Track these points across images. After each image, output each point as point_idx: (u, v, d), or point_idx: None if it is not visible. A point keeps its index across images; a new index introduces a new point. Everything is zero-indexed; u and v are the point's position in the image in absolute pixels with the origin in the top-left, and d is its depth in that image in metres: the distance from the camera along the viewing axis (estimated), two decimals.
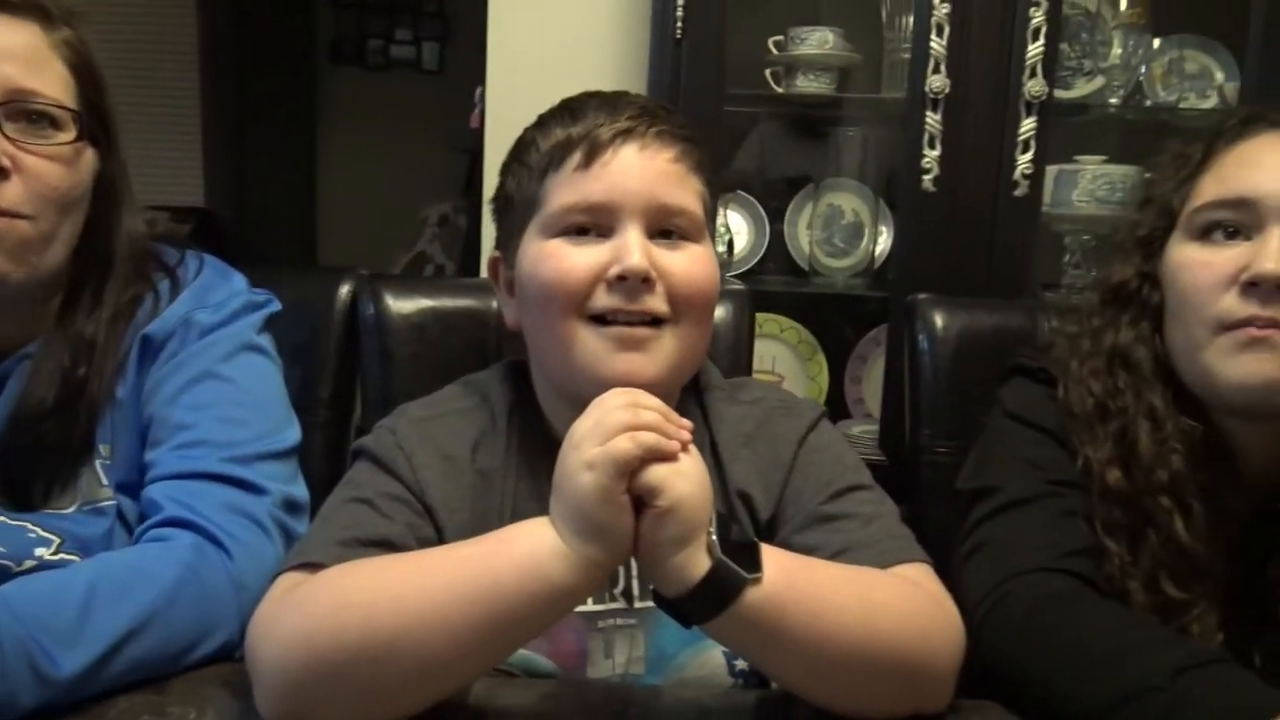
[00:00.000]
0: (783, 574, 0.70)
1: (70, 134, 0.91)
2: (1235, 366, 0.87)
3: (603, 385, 0.76)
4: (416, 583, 0.69)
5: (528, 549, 0.69)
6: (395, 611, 0.68)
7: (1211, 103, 1.86)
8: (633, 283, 0.80)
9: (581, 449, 0.68)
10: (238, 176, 4.87)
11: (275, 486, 0.91)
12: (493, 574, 0.69)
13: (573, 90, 0.93)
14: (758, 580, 0.69)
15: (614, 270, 0.80)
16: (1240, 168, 0.90)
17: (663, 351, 0.82)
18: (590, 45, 1.94)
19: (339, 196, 5.04)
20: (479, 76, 2.04)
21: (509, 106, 1.91)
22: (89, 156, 0.95)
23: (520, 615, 0.69)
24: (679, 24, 1.68)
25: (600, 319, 0.81)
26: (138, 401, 0.95)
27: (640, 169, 0.82)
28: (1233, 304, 0.86)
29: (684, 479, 0.68)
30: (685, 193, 0.84)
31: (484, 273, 1.85)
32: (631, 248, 0.80)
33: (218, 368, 0.95)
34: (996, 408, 1.02)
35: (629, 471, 0.67)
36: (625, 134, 0.82)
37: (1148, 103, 1.88)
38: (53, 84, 0.91)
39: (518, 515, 0.83)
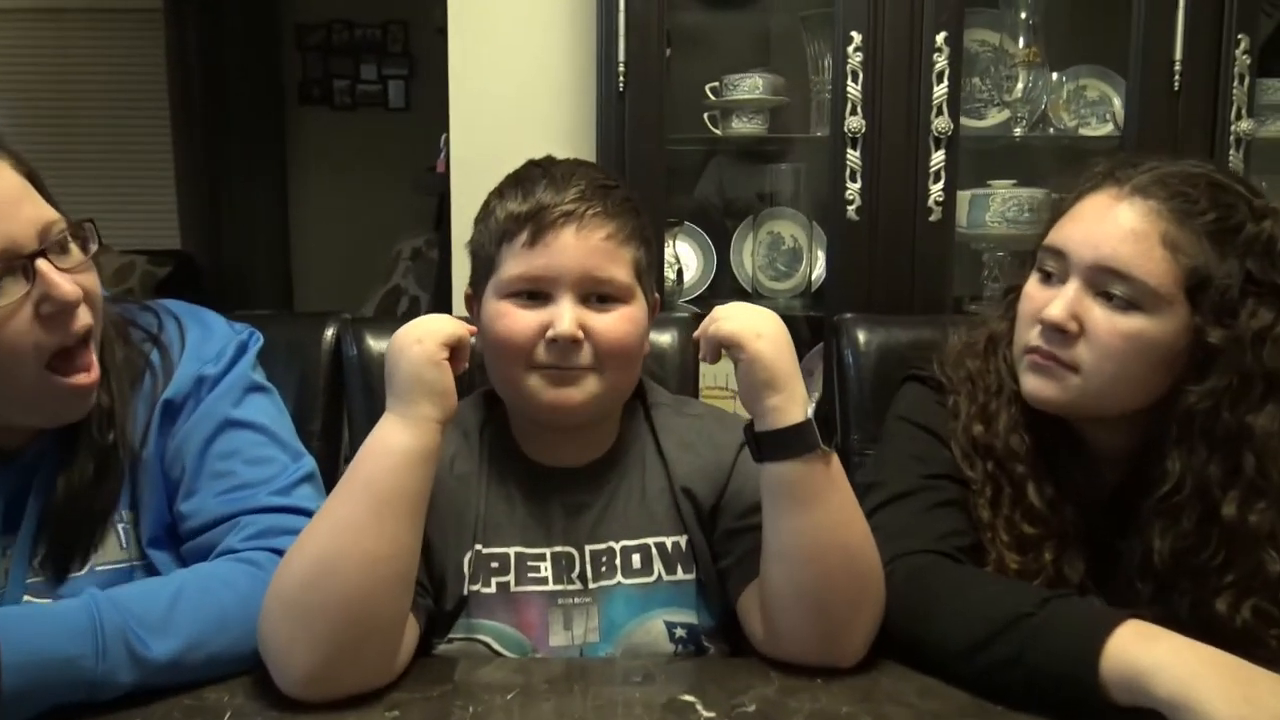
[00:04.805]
0: (837, 468, 0.93)
1: (86, 244, 0.96)
2: (1026, 381, 1.06)
3: (542, 411, 0.99)
4: (328, 513, 0.90)
5: (378, 438, 0.91)
6: (315, 540, 0.88)
7: (1108, 128, 2.04)
8: (563, 344, 0.97)
9: (406, 337, 0.92)
10: (212, 217, 4.97)
11: (315, 506, 1.01)
12: (364, 472, 0.90)
13: (529, 137, 1.07)
14: (827, 453, 0.91)
15: (549, 333, 0.97)
16: (1069, 220, 1.04)
17: (589, 387, 0.99)
18: (544, 93, 2.05)
19: (312, 232, 5.13)
20: (444, 112, 2.11)
21: (471, 152, 1.99)
22: None
23: (392, 487, 0.89)
24: (621, 78, 1.83)
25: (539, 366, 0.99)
26: (161, 463, 1.02)
27: (575, 248, 0.98)
28: (1033, 334, 1.04)
29: (761, 340, 0.91)
30: (615, 264, 0.99)
31: (455, 304, 2.00)
32: (563, 315, 0.97)
33: (232, 414, 1.04)
34: (890, 412, 1.17)
35: (448, 343, 0.91)
36: (566, 216, 0.98)
37: (1051, 130, 2.06)
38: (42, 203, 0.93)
39: (489, 513, 1.02)
